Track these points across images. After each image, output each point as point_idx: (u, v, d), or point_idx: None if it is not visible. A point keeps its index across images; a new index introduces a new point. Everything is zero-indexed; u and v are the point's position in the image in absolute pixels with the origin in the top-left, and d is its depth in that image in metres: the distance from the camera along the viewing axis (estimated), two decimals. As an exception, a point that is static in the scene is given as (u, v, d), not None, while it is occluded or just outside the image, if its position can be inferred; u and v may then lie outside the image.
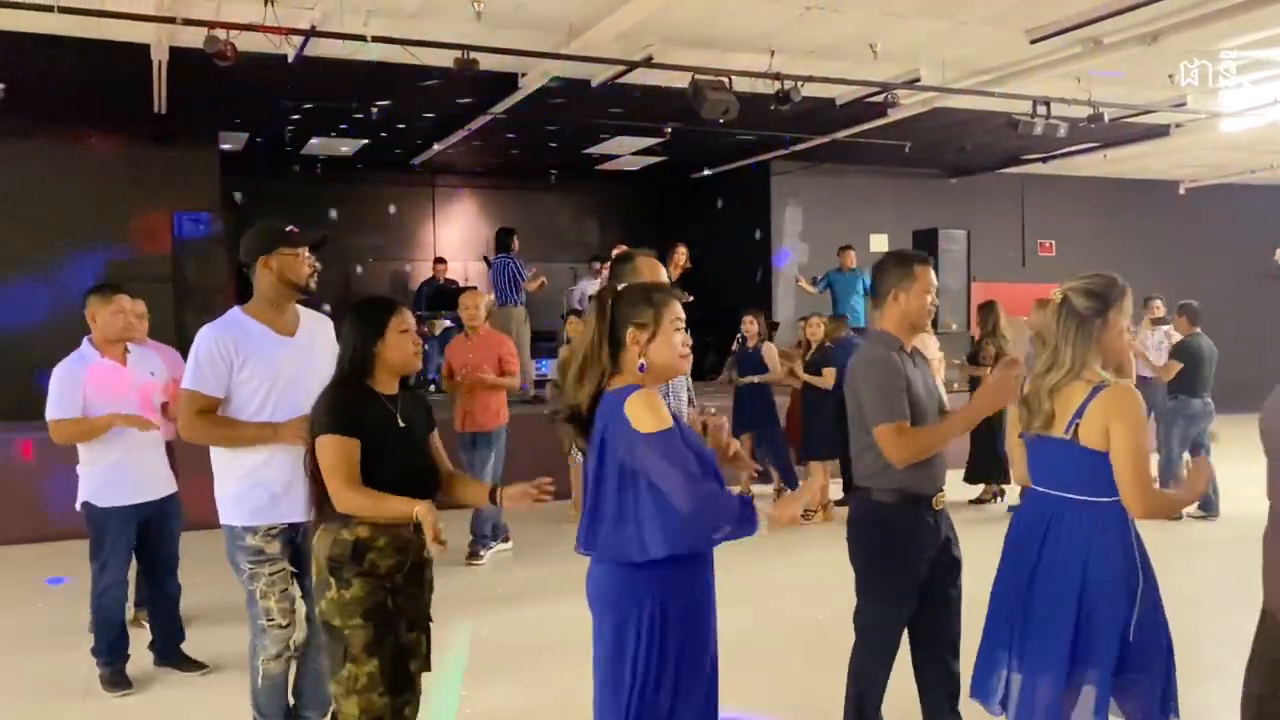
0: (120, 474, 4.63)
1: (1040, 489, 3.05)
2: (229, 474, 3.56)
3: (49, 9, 6.52)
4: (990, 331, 9.11)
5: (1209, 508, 8.48)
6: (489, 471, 6.98)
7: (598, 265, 12.55)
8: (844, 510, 8.74)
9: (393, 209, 14.33)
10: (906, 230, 13.22)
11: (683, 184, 15.06)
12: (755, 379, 8.72)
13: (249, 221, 3.85)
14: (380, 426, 3.01)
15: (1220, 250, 15.41)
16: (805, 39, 8.24)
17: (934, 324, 10.37)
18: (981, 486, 9.22)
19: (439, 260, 13.48)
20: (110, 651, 4.73)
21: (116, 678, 4.72)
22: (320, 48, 7.67)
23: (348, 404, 3.01)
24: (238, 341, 3.53)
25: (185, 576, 5.08)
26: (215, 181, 11.11)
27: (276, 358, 3.55)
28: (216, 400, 3.51)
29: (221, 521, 3.56)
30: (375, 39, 7.36)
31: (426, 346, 8.31)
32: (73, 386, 4.54)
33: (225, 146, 11.75)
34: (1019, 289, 14.10)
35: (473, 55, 7.53)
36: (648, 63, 8.27)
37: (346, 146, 12.55)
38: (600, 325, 2.68)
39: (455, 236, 15.04)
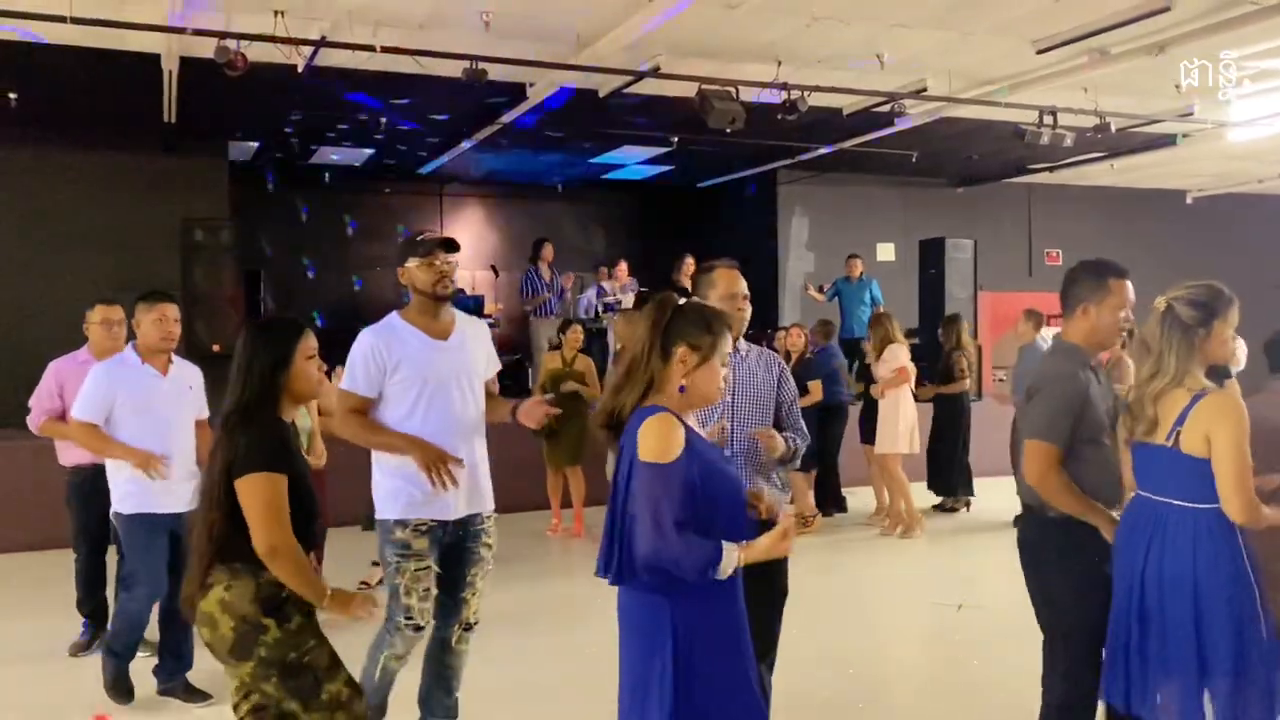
0: (149, 482, 4.50)
1: (1145, 494, 3.09)
2: (385, 469, 3.66)
3: (62, 19, 6.57)
4: (956, 344, 9.24)
5: None
6: None
7: (603, 271, 12.61)
8: (830, 520, 8.80)
9: (401, 227, 14.38)
10: (913, 240, 13.22)
11: (689, 194, 15.08)
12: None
13: (259, 230, 3.94)
14: (298, 461, 2.88)
15: (1228, 260, 15.31)
16: (812, 49, 8.27)
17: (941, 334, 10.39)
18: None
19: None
20: (122, 655, 4.61)
21: (119, 683, 4.58)
22: (330, 58, 7.70)
23: (276, 436, 2.82)
24: (390, 345, 3.64)
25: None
26: (224, 191, 11.15)
27: (428, 360, 3.64)
28: (368, 400, 3.63)
29: (377, 516, 3.68)
30: (384, 49, 7.40)
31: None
32: (104, 390, 4.48)
33: (235, 156, 11.80)
34: (1026, 298, 14.08)
35: (481, 65, 7.56)
36: (655, 73, 8.30)
37: (355, 156, 12.59)
38: (653, 334, 2.61)
39: (463, 246, 14.97)
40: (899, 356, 8.60)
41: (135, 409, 4.49)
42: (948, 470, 9.23)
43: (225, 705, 4.53)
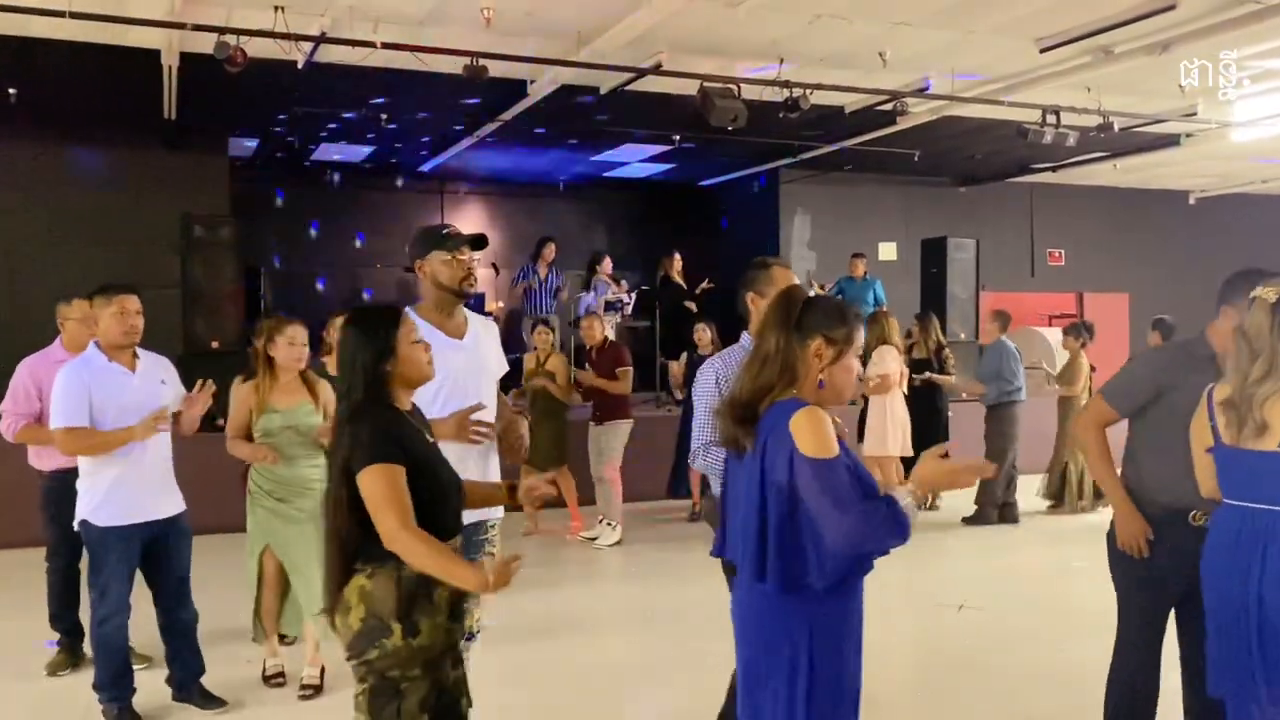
0: (122, 490, 4.25)
1: (1242, 504, 2.90)
2: None
3: (61, 14, 6.54)
4: (939, 342, 9.39)
5: None
6: None
7: (610, 272, 12.57)
8: None
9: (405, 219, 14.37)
10: (915, 239, 13.21)
11: (691, 192, 15.06)
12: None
13: (259, 227, 3.83)
14: (417, 448, 2.75)
15: (1231, 260, 15.12)
16: (814, 47, 8.24)
17: (944, 330, 10.40)
18: None
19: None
20: (115, 686, 4.35)
21: (124, 716, 4.34)
22: (330, 54, 7.68)
23: (385, 427, 2.70)
24: None
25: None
26: (225, 187, 11.12)
27: (447, 360, 3.35)
28: None
29: None
30: (385, 46, 7.38)
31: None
32: (79, 393, 4.18)
33: (235, 153, 11.78)
34: (1028, 298, 14.10)
35: (482, 62, 7.54)
36: (656, 70, 8.27)
37: (355, 153, 12.57)
38: (784, 328, 2.57)
39: (463, 243, 15.04)
40: (885, 360, 8.57)
41: (107, 411, 4.20)
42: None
43: (240, 711, 4.55)
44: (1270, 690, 2.83)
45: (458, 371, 3.43)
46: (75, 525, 4.33)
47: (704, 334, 8.99)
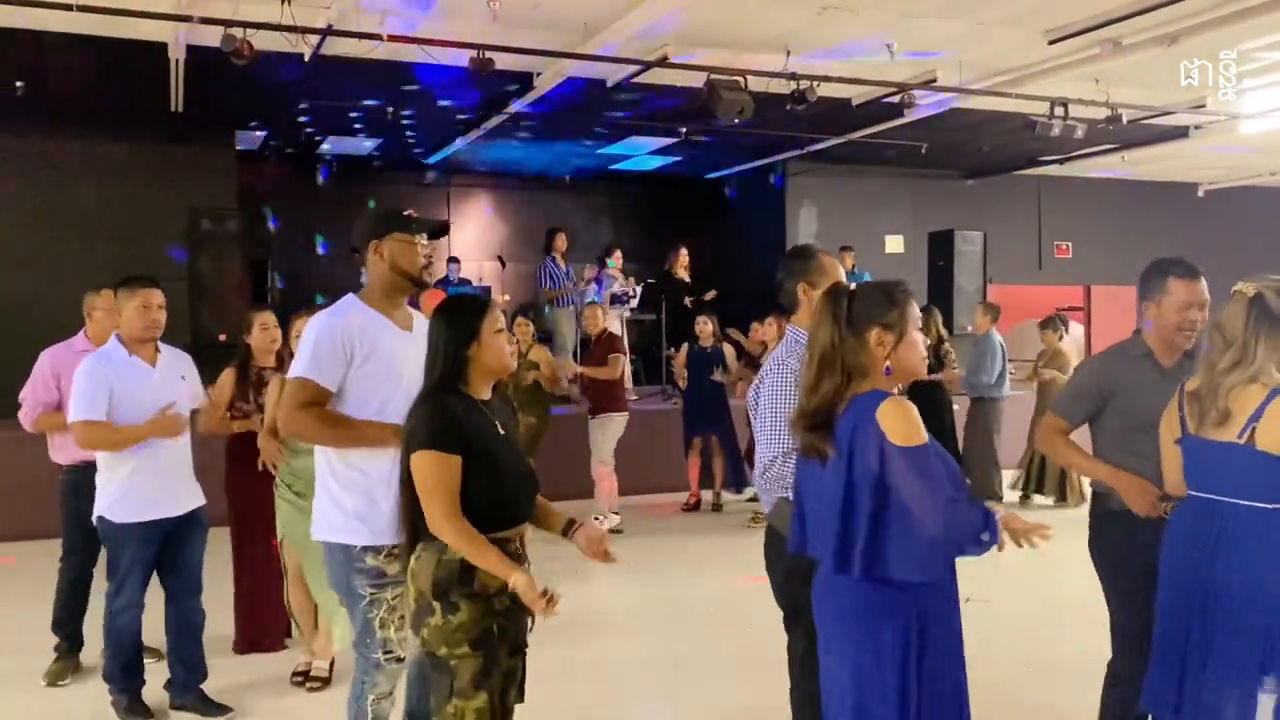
0: (140, 486, 4.19)
1: (1204, 495, 2.93)
2: (347, 485, 3.16)
3: (68, 7, 6.55)
4: (940, 336, 9.25)
5: None
6: None
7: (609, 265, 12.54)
8: None
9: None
10: (922, 231, 13.17)
11: (697, 185, 15.03)
12: (717, 377, 8.75)
13: (264, 221, 3.77)
14: (482, 437, 2.77)
15: (1240, 253, 15.24)
16: (822, 39, 8.22)
17: (951, 323, 10.38)
18: None
19: (451, 259, 13.48)
20: (125, 676, 4.33)
21: (134, 707, 4.32)
22: (337, 47, 7.67)
23: (448, 415, 2.75)
24: (362, 330, 3.17)
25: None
26: (232, 180, 11.15)
27: (399, 354, 3.19)
28: (328, 393, 3.13)
29: (331, 540, 3.18)
30: (391, 38, 7.37)
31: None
32: (99, 386, 4.12)
33: (242, 145, 11.79)
34: (1036, 291, 14.07)
35: (488, 55, 7.53)
36: (663, 62, 8.25)
37: (362, 146, 12.58)
38: (837, 324, 2.56)
39: (471, 236, 15.06)
40: None
41: (126, 406, 4.14)
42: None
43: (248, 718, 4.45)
44: (1203, 669, 2.87)
45: (411, 366, 3.12)
46: (93, 520, 4.27)
47: (705, 326, 8.98)
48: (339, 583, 3.22)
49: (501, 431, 2.86)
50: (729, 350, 9.02)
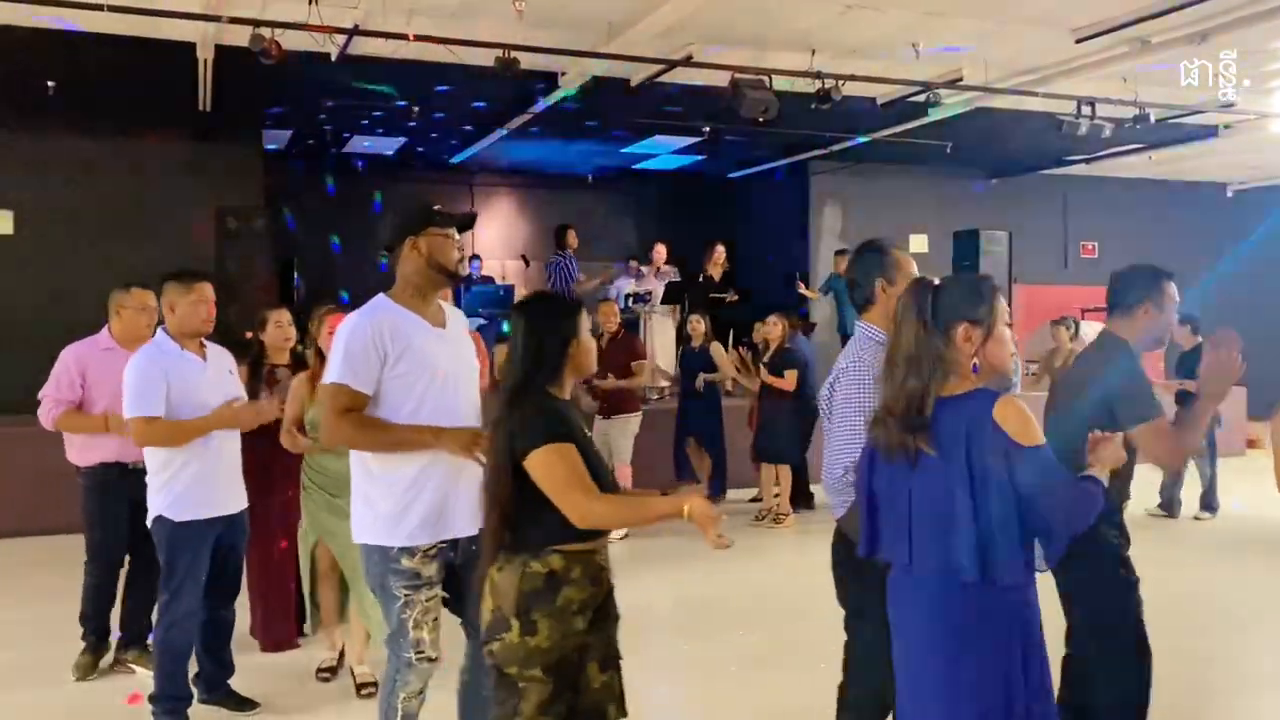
0: (204, 482, 4.08)
1: None
2: (383, 487, 3.12)
3: (98, 7, 6.62)
4: None
5: (1172, 505, 8.75)
6: None
7: (634, 264, 12.55)
8: (803, 516, 8.68)
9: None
10: (947, 231, 13.08)
11: (721, 184, 15.02)
12: (706, 378, 8.68)
13: (289, 219, 3.76)
14: (581, 438, 2.70)
15: (1269, 254, 15.14)
16: (846, 38, 8.19)
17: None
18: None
19: (473, 258, 13.53)
20: (177, 699, 4.10)
21: None
22: (363, 46, 7.72)
23: (552, 410, 2.68)
24: (394, 330, 3.10)
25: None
26: (259, 178, 11.23)
27: (433, 350, 3.15)
28: (365, 398, 3.06)
29: (368, 541, 3.16)
30: (417, 38, 7.41)
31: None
32: (156, 381, 3.99)
33: (269, 144, 11.87)
34: (1061, 291, 13.96)
35: (513, 54, 7.55)
36: (687, 61, 8.25)
37: (387, 144, 12.64)
38: (921, 320, 2.48)
39: (493, 235, 15.10)
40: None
41: (181, 402, 4.03)
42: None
43: (275, 713, 4.41)
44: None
45: (445, 364, 3.17)
46: (149, 521, 4.11)
47: (698, 326, 8.94)
48: (374, 583, 3.19)
49: (588, 433, 2.81)
50: (717, 349, 8.97)
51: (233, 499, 4.24)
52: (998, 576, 2.41)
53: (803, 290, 12.25)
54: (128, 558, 4.85)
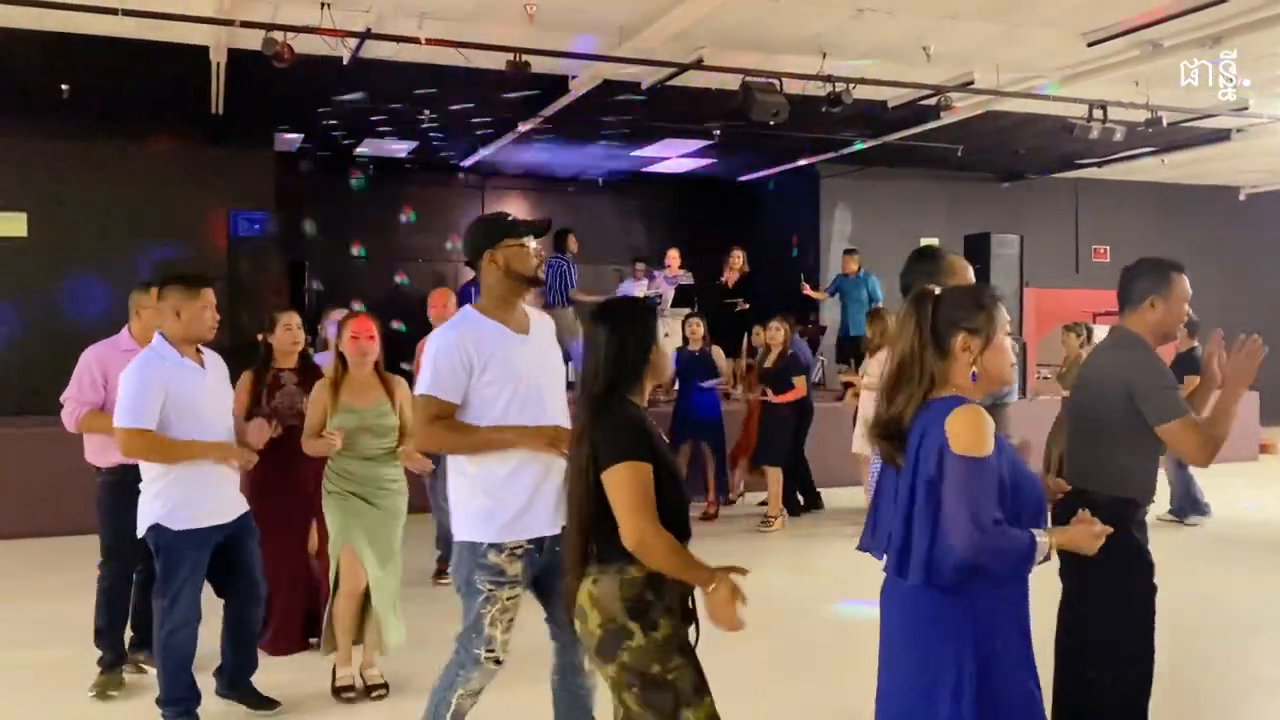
0: (198, 492, 4.00)
1: None
2: (473, 485, 3.25)
3: (113, 12, 6.66)
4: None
5: (1183, 512, 8.65)
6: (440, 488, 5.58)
7: (643, 267, 12.55)
8: (813, 516, 8.59)
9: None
10: (958, 234, 13.05)
11: (731, 187, 15.02)
12: (708, 384, 8.66)
13: (303, 222, 3.78)
14: (661, 445, 2.68)
15: (1281, 258, 15.10)
16: (857, 41, 8.19)
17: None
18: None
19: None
20: (184, 700, 4.08)
21: None
22: (375, 50, 7.75)
23: (635, 423, 2.65)
24: (478, 341, 3.23)
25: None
26: (270, 181, 11.28)
27: (517, 358, 3.26)
28: (453, 406, 3.22)
29: (461, 538, 3.26)
30: (429, 41, 7.43)
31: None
32: (151, 391, 3.90)
33: (280, 147, 11.92)
34: (1073, 295, 13.91)
35: (524, 57, 7.57)
36: (698, 65, 8.25)
37: (398, 148, 12.68)
38: (920, 330, 2.51)
39: (504, 238, 15.12)
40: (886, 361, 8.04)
41: (181, 411, 3.94)
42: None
43: (283, 713, 4.33)
44: None
45: (530, 370, 3.28)
46: (141, 530, 4.05)
47: (696, 329, 8.87)
48: (461, 579, 3.26)
49: (666, 440, 2.80)
50: (717, 353, 8.89)
51: (229, 505, 4.16)
52: (939, 581, 2.39)
53: (808, 291, 12.21)
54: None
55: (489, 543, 3.20)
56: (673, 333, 11.24)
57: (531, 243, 3.35)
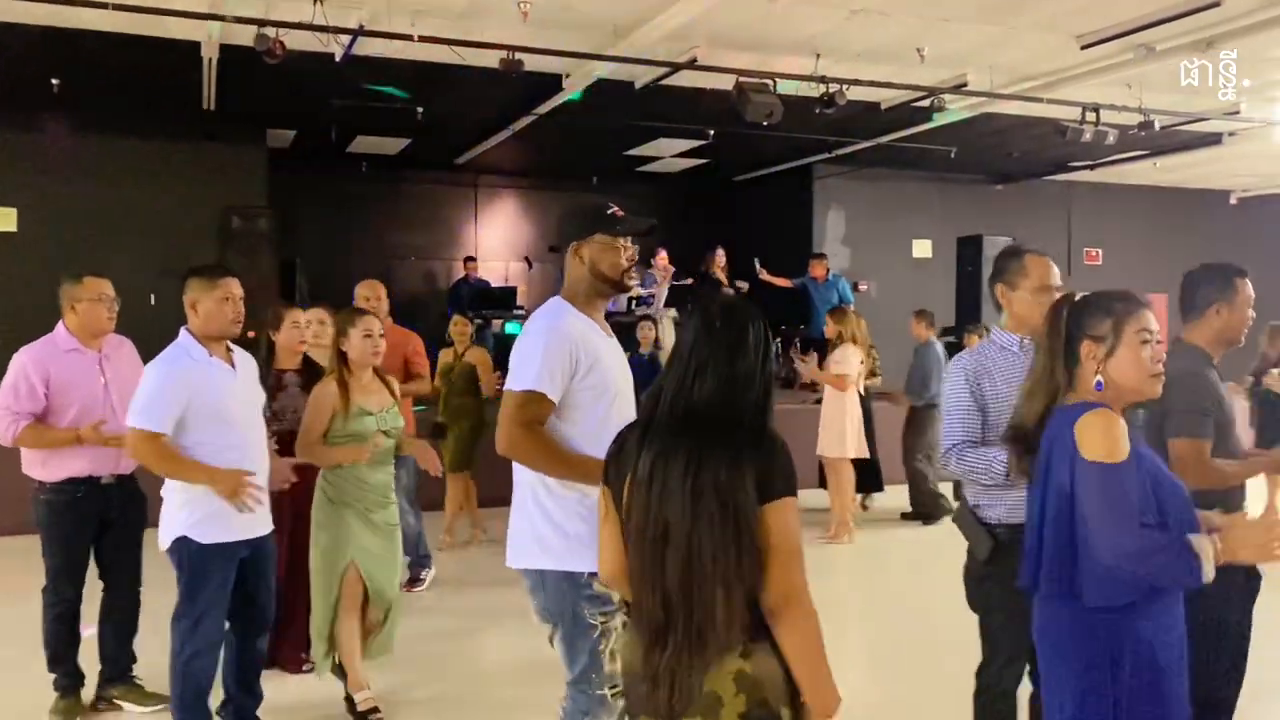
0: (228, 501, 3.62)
1: None
2: (567, 508, 2.79)
3: (104, 6, 6.62)
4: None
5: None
6: (401, 492, 5.21)
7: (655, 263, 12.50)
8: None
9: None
10: (950, 236, 13.11)
11: (724, 187, 15.02)
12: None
13: (295, 218, 3.66)
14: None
15: (1273, 261, 15.11)
16: (851, 42, 8.19)
17: (977, 331, 10.26)
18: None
19: (469, 259, 13.52)
20: None
21: None
22: (368, 47, 7.72)
23: (787, 452, 2.09)
24: (584, 337, 2.80)
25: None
26: (263, 178, 11.25)
27: (614, 363, 2.87)
28: (552, 408, 2.76)
29: (549, 567, 2.80)
30: (422, 39, 7.41)
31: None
32: (175, 395, 3.55)
33: (273, 144, 11.88)
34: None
35: (518, 56, 7.55)
36: (692, 64, 8.25)
37: (391, 145, 12.64)
38: (1054, 337, 2.45)
39: (496, 236, 15.11)
40: (847, 358, 7.92)
41: (209, 416, 3.58)
42: (864, 470, 8.50)
43: None
44: None
45: (621, 374, 2.92)
46: (164, 544, 3.66)
47: (648, 334, 8.87)
48: (562, 613, 2.81)
49: None
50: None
51: (259, 521, 3.75)
52: (1079, 594, 2.30)
53: (766, 276, 12.01)
54: (100, 584, 4.38)
55: (590, 571, 2.70)
56: (669, 332, 11.23)
57: (628, 245, 2.95)
